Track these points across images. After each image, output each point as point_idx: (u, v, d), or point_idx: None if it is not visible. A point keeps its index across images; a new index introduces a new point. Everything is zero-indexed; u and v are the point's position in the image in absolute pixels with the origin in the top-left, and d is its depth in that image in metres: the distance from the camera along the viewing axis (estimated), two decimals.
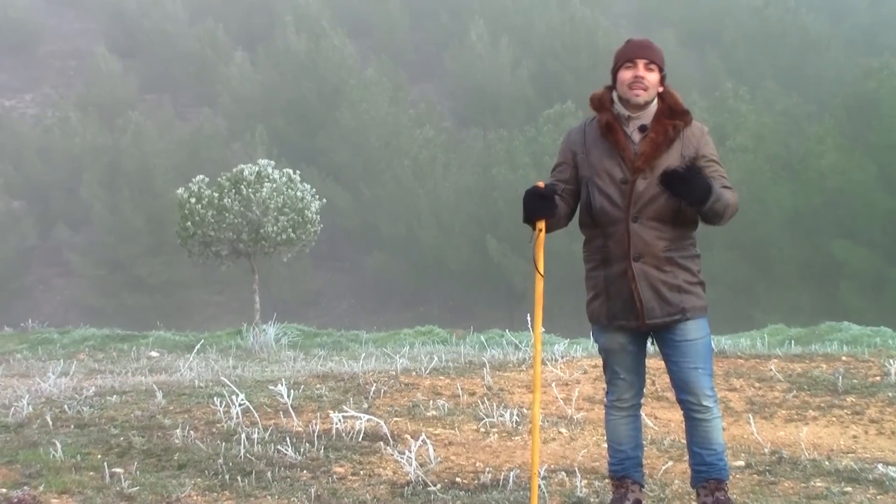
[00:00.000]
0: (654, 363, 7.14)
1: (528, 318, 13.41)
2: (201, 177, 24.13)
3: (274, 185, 23.63)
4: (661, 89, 5.32)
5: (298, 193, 24.11)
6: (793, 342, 16.28)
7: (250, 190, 23.34)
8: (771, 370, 10.58)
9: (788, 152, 42.37)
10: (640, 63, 5.24)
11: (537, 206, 5.23)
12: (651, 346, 5.49)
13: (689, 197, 5.01)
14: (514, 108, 56.20)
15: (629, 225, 5.18)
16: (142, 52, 68.88)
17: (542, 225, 5.28)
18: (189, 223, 23.37)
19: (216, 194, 23.44)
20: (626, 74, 5.26)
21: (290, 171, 24.68)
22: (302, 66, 59.50)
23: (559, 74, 55.68)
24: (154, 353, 20.15)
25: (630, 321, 5.27)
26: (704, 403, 5.28)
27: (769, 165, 41.22)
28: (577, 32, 57.23)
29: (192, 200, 23.36)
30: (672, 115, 5.27)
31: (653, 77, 5.26)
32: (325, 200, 25.47)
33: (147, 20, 69.21)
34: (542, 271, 5.36)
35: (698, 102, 45.00)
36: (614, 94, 5.36)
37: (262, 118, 57.02)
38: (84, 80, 66.92)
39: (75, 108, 61.99)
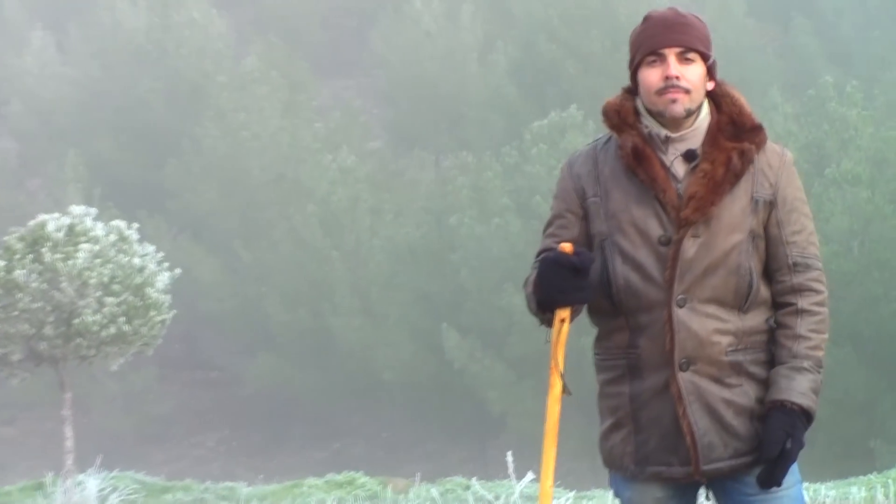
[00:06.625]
0: None
1: (509, 460, 13.46)
2: None
3: (96, 248, 23.62)
4: (710, 86, 5.09)
5: (136, 260, 24.11)
6: None
7: (57, 256, 23.32)
8: None
9: None
10: (671, 54, 4.96)
11: (565, 284, 4.92)
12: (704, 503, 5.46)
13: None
14: (484, 119, 56.53)
15: (672, 311, 4.98)
16: None
17: (565, 314, 5.02)
18: None
19: (2, 263, 23.42)
20: (650, 75, 5.00)
21: (122, 225, 24.69)
22: (140, 53, 59.65)
23: (557, 64, 56.10)
24: None
25: (673, 466, 5.10)
26: None
27: (895, 206, 41.63)
28: None
29: None
30: (736, 132, 5.06)
31: (695, 72, 4.98)
32: (178, 271, 25.48)
33: None
34: (565, 385, 5.14)
35: (780, 106, 45.16)
36: (639, 102, 5.13)
37: (76, 138, 57.00)
38: None
39: None
